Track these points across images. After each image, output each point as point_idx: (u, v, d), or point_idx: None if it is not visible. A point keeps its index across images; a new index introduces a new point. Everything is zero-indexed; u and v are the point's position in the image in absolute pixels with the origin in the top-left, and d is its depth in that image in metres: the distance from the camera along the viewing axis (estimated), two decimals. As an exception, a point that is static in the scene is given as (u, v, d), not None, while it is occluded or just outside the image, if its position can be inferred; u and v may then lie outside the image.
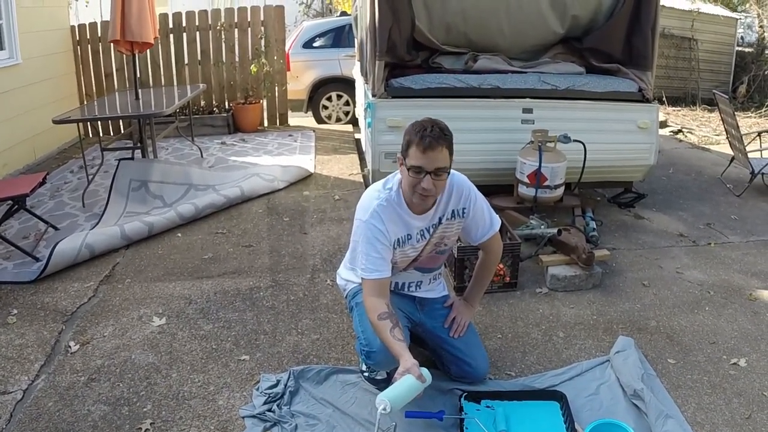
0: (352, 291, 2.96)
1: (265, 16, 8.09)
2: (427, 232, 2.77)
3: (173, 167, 5.70)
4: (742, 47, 12.92)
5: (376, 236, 2.60)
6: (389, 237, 2.64)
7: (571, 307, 3.66)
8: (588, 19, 5.41)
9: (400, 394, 2.31)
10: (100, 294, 3.80)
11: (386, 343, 2.48)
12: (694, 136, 8.67)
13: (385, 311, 2.53)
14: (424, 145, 2.46)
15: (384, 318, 2.51)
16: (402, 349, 2.43)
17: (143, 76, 7.91)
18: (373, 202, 2.66)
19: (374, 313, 2.54)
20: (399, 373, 2.36)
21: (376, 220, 2.61)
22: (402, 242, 2.71)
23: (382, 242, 2.61)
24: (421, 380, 2.34)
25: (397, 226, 2.67)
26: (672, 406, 2.72)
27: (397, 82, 4.87)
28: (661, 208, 5.40)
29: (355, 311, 2.89)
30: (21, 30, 6.46)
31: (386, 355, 2.52)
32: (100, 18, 8.47)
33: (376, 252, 2.60)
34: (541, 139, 4.57)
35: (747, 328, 3.43)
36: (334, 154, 6.97)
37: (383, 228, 2.61)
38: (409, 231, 2.71)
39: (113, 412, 2.71)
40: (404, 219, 2.68)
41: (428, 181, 2.50)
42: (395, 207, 2.66)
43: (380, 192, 2.70)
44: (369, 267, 2.60)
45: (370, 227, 2.61)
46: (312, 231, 4.75)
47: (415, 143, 2.48)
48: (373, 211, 2.63)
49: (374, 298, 2.58)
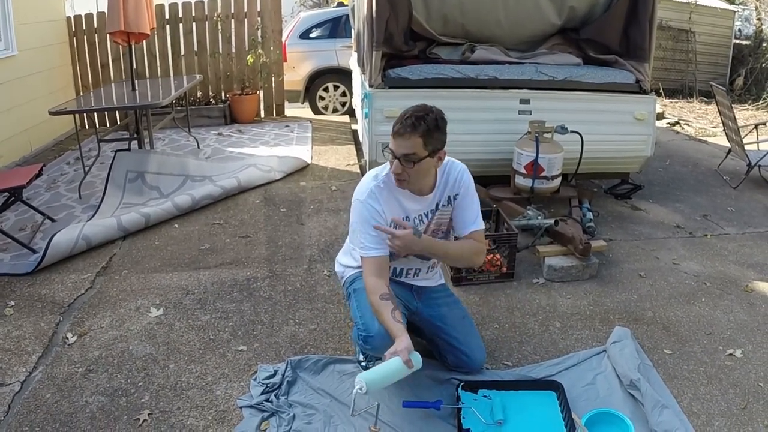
0: (350, 278, 2.97)
1: (261, 7, 8.05)
2: (425, 216, 2.80)
3: (170, 158, 5.68)
4: (739, 40, 12.92)
5: (373, 215, 2.66)
6: (385, 217, 2.68)
7: (568, 298, 3.67)
8: (585, 10, 5.41)
9: (380, 375, 2.33)
10: (97, 285, 3.79)
11: (385, 323, 2.50)
12: (691, 128, 8.68)
13: (386, 292, 2.57)
14: (394, 130, 2.59)
15: (386, 299, 2.54)
16: (400, 331, 2.45)
17: (139, 67, 7.87)
18: (370, 183, 2.72)
19: (375, 293, 2.56)
20: (389, 353, 2.39)
21: (372, 200, 2.68)
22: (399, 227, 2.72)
23: (378, 222, 2.66)
24: (409, 365, 2.35)
25: (393, 207, 2.72)
26: (668, 396, 2.74)
27: (394, 72, 4.86)
28: (658, 199, 5.41)
29: (353, 297, 2.90)
30: (17, 21, 6.42)
31: (383, 339, 2.53)
32: (96, 9, 8.42)
33: (374, 231, 2.64)
34: (538, 130, 4.57)
35: (743, 319, 3.45)
36: (330, 145, 6.96)
37: (379, 208, 2.67)
38: (406, 213, 2.75)
39: (111, 403, 2.72)
40: (400, 201, 2.73)
41: (397, 165, 2.60)
42: (391, 189, 2.72)
43: (378, 175, 2.76)
44: (367, 245, 2.65)
45: (367, 207, 2.67)
46: (309, 221, 4.75)
47: (394, 128, 2.59)
48: (369, 191, 2.69)
49: (375, 278, 2.61)
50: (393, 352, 2.38)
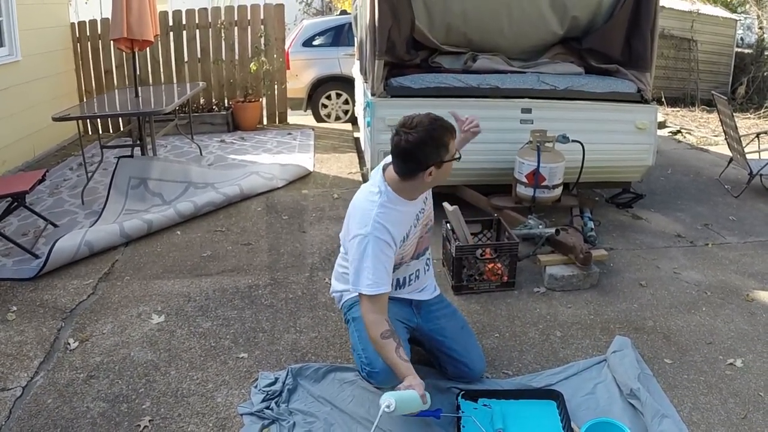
0: (348, 303, 2.93)
1: (265, 15, 8.10)
2: (420, 214, 2.80)
3: (172, 165, 5.71)
4: (741, 48, 12.92)
5: (383, 250, 2.55)
6: (396, 243, 2.60)
7: (569, 307, 3.67)
8: (588, 19, 5.42)
9: (405, 400, 2.29)
10: (99, 291, 3.81)
11: (392, 363, 2.46)
12: (692, 137, 8.68)
13: (387, 329, 2.50)
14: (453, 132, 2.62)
15: (387, 336, 2.48)
16: (408, 370, 2.42)
17: (143, 73, 7.92)
18: (370, 212, 2.58)
19: (376, 331, 2.49)
20: (404, 386, 2.36)
21: (380, 233, 2.54)
22: (408, 236, 2.71)
23: (388, 255, 2.57)
24: (424, 400, 2.34)
25: (400, 224, 2.64)
26: (668, 406, 2.74)
27: (396, 81, 4.88)
28: (659, 208, 5.41)
29: (352, 325, 2.86)
30: (21, 27, 6.47)
31: (389, 375, 2.51)
32: (99, 15, 8.47)
33: (383, 266, 2.54)
34: (540, 139, 4.57)
35: (743, 328, 3.45)
36: (333, 153, 6.98)
37: (389, 238, 2.56)
38: (410, 222, 2.72)
39: (112, 409, 2.73)
40: (402, 213, 2.66)
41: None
42: (393, 206, 2.62)
43: (372, 197, 2.65)
44: (376, 281, 2.52)
45: (376, 242, 2.54)
46: (311, 229, 4.76)
47: (451, 132, 2.60)
48: (374, 223, 2.55)
49: (375, 315, 2.52)
50: (407, 387, 2.35)
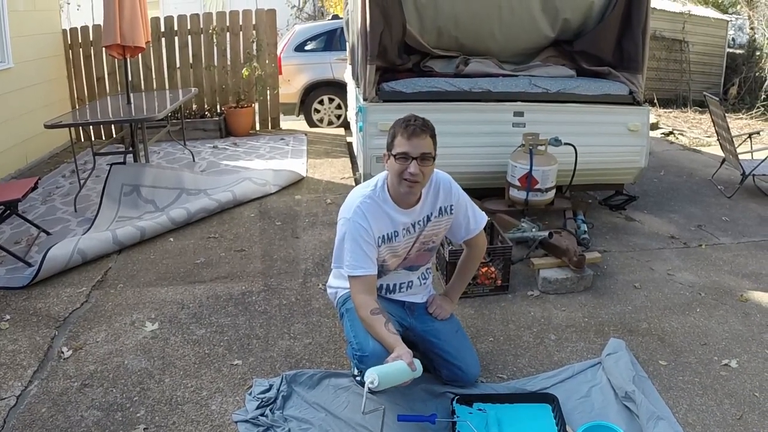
0: (342, 298, 2.98)
1: (256, 20, 8.08)
2: (413, 228, 2.80)
3: (165, 172, 5.69)
4: (733, 49, 12.99)
5: (361, 234, 2.65)
6: (373, 234, 2.67)
7: (563, 310, 3.67)
8: (579, 22, 5.44)
9: (389, 372, 2.32)
10: (92, 299, 3.79)
11: (380, 336, 2.52)
12: (685, 138, 8.72)
13: (376, 307, 2.58)
14: (408, 132, 2.58)
15: (376, 313, 2.56)
16: (396, 341, 2.47)
17: (135, 80, 7.90)
18: (357, 200, 2.71)
19: (365, 309, 2.57)
20: (391, 358, 2.40)
21: (359, 218, 2.66)
22: (388, 238, 2.74)
23: (366, 240, 2.65)
24: (412, 367, 2.36)
25: (381, 222, 2.70)
26: (663, 408, 2.74)
27: (388, 86, 4.88)
28: (653, 210, 5.42)
29: (345, 317, 2.90)
30: (13, 34, 6.44)
31: (379, 359, 2.52)
32: (91, 22, 8.45)
33: (361, 249, 2.64)
34: (532, 143, 4.59)
35: (738, 329, 3.46)
36: (326, 158, 6.98)
37: (367, 225, 2.66)
38: (395, 228, 2.74)
39: (106, 418, 2.71)
40: (389, 215, 2.72)
41: (415, 166, 2.58)
42: (380, 203, 2.71)
43: (364, 190, 2.77)
44: (354, 264, 2.65)
45: (355, 225, 2.66)
46: (304, 235, 4.75)
47: (400, 132, 2.60)
48: (356, 208, 2.68)
49: (363, 295, 2.62)
50: (395, 357, 2.39)
